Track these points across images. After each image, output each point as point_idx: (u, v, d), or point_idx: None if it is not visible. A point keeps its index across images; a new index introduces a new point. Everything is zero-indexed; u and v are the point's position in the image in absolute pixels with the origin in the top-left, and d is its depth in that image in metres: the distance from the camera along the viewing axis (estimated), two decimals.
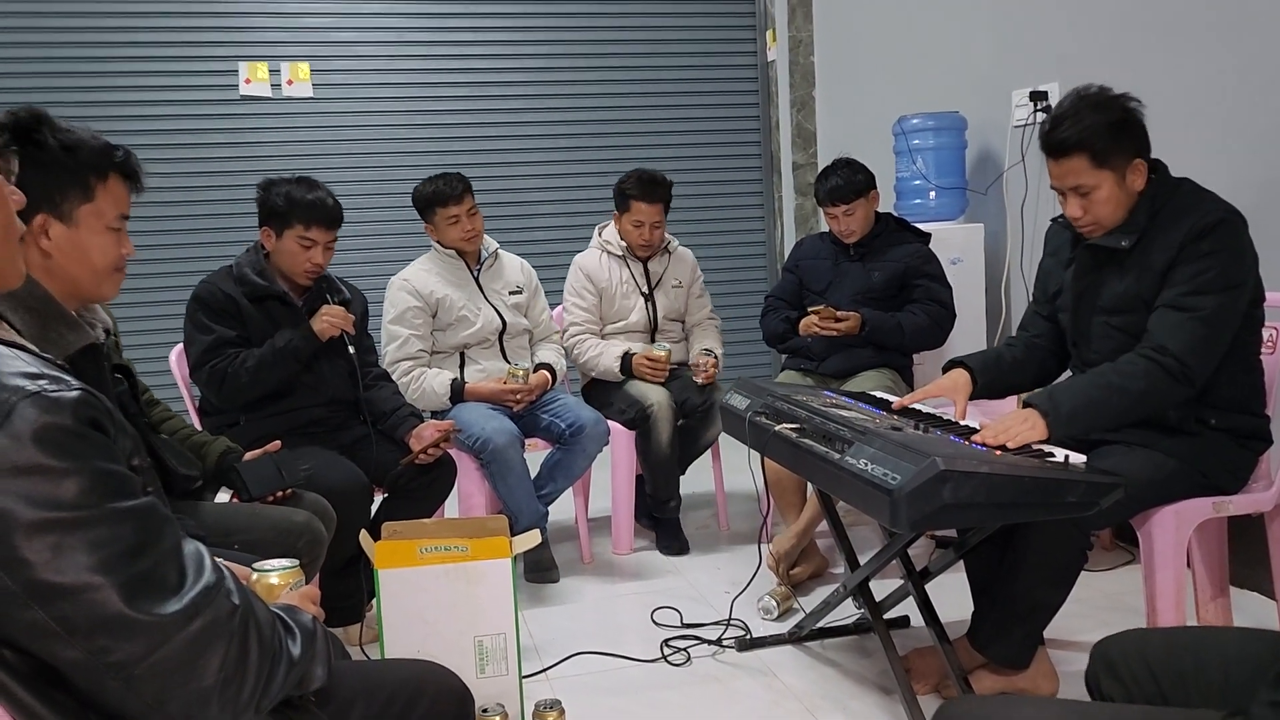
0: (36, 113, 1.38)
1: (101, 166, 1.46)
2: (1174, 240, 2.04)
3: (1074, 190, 2.11)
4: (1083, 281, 2.23)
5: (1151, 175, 2.12)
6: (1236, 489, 2.18)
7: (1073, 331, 2.28)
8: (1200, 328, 1.98)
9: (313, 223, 2.64)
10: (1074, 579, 2.03)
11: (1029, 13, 3.49)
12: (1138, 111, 2.10)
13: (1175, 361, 1.97)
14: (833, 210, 3.20)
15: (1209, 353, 2.01)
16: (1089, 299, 2.22)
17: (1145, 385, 1.98)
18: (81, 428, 0.89)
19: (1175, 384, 1.98)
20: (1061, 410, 1.98)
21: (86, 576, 0.87)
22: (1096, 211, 2.11)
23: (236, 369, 2.56)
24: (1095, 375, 2.05)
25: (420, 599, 2.07)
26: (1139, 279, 2.10)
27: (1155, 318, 2.05)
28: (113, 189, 1.49)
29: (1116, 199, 2.09)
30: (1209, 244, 2.00)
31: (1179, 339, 1.98)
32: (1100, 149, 2.05)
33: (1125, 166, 2.08)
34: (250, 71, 4.83)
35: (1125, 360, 2.03)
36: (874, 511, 1.77)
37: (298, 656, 1.05)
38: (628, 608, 2.91)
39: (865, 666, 2.42)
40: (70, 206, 1.42)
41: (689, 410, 3.41)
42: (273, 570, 1.31)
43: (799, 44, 5.12)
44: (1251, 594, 2.67)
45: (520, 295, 3.39)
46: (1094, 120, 2.05)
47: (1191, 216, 2.04)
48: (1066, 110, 2.10)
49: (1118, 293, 2.14)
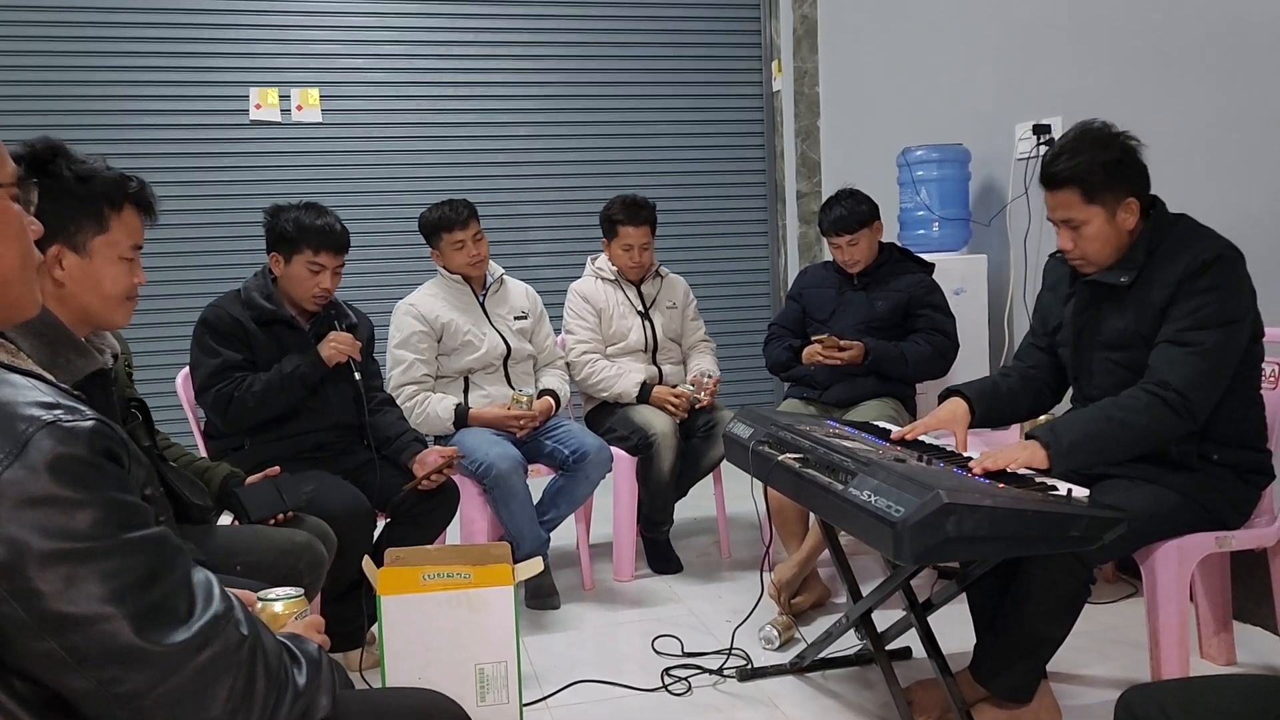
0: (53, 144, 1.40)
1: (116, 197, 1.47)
2: (1172, 277, 2.06)
3: (1065, 223, 2.15)
4: (1083, 317, 2.25)
5: (1151, 211, 2.15)
6: (1239, 524, 2.18)
7: (1074, 366, 2.29)
8: (1201, 363, 2.00)
9: (321, 248, 2.66)
10: (1077, 613, 2.03)
11: (1034, 47, 3.52)
12: (1136, 150, 2.12)
13: (1177, 396, 1.98)
14: (836, 240, 3.22)
15: (1210, 387, 2.02)
16: (1089, 334, 2.24)
17: (1147, 420, 1.99)
18: (96, 458, 0.90)
19: (1178, 418, 1.99)
20: (1063, 442, 1.98)
21: (98, 607, 0.87)
22: (1084, 246, 2.14)
23: (243, 393, 2.57)
24: (1097, 409, 2.06)
25: (422, 626, 2.07)
26: (1138, 316, 2.11)
27: (1156, 353, 2.06)
28: (127, 220, 1.51)
29: (1104, 236, 2.12)
30: (1207, 280, 2.02)
31: (1180, 374, 1.99)
32: (1092, 185, 2.09)
33: (1116, 204, 2.11)
34: (260, 97, 4.87)
35: (1128, 395, 2.04)
36: (877, 543, 1.78)
37: (303, 687, 1.05)
38: (629, 635, 2.90)
39: (867, 698, 2.41)
40: (84, 237, 1.43)
41: (692, 432, 3.43)
42: (278, 599, 1.31)
43: (804, 74, 5.17)
44: (1255, 630, 2.66)
45: (525, 321, 3.41)
46: (1090, 156, 2.08)
47: (1189, 253, 2.06)
48: (1066, 145, 2.14)
49: (1118, 329, 2.16)
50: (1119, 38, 3.12)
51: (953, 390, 2.35)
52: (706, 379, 3.46)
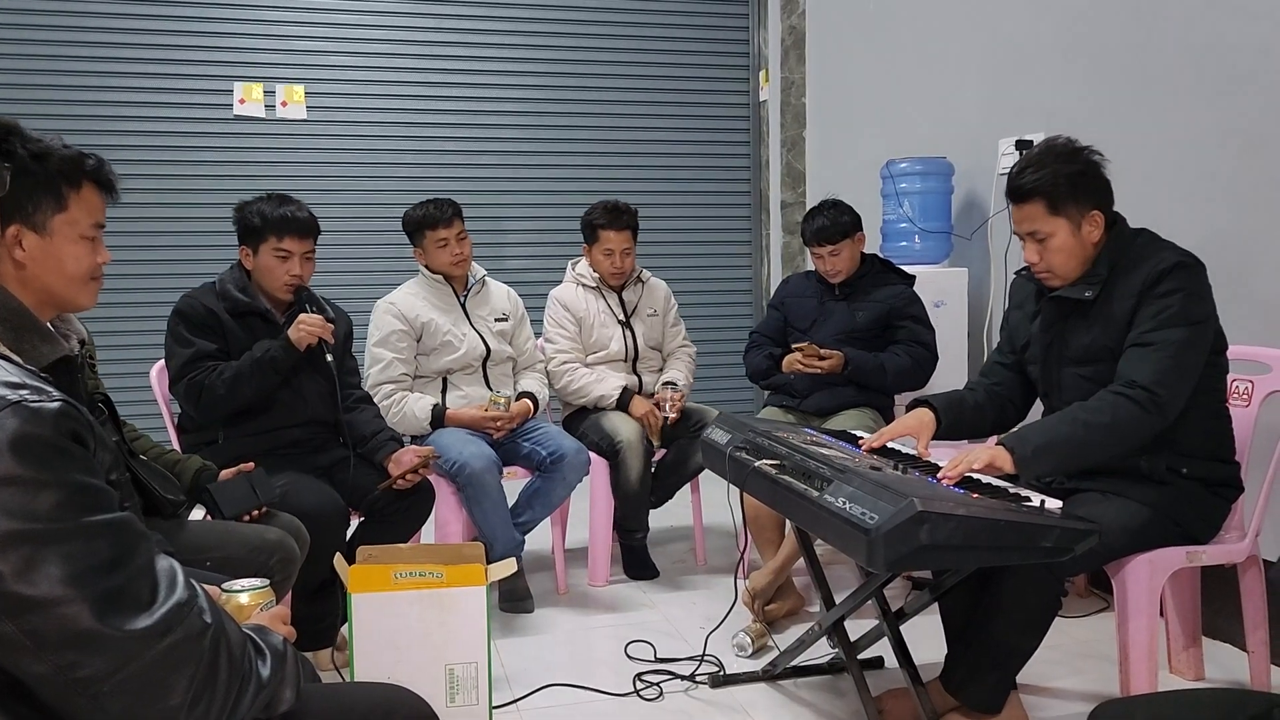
0: (5, 123, 1.37)
1: (73, 175, 1.45)
2: (1133, 288, 2.09)
3: (1031, 235, 2.18)
4: (1050, 333, 2.28)
5: (1113, 227, 2.18)
6: (1210, 538, 2.20)
7: (1043, 382, 2.32)
8: (1166, 358, 2.01)
9: (285, 234, 2.66)
10: (1048, 624, 2.04)
11: (1018, 64, 3.55)
12: (1100, 165, 2.16)
13: (1144, 392, 2.00)
14: (819, 250, 3.23)
15: (1177, 383, 2.02)
16: (1057, 350, 2.26)
17: (1112, 418, 2.00)
18: (61, 440, 0.89)
19: (1145, 414, 2.00)
20: (1028, 445, 2.00)
21: (58, 590, 0.86)
22: (1050, 259, 2.17)
23: (213, 381, 2.55)
24: (1063, 414, 2.08)
25: (392, 624, 2.06)
26: (1104, 330, 2.14)
27: (1122, 359, 2.09)
28: (86, 197, 1.48)
29: (1069, 248, 2.15)
30: (1167, 285, 2.05)
31: (1145, 371, 2.01)
32: (1056, 197, 2.12)
33: (1081, 217, 2.14)
34: (245, 92, 4.85)
35: (1094, 398, 2.06)
36: (851, 550, 1.78)
37: (267, 678, 1.04)
38: (602, 640, 2.89)
39: (838, 706, 2.41)
40: (43, 217, 1.41)
41: (679, 434, 3.43)
42: (243, 590, 1.30)
43: (791, 85, 5.20)
44: (1224, 645, 2.68)
45: (506, 323, 3.40)
46: (1054, 169, 2.12)
47: (1148, 264, 2.09)
48: (1032, 159, 2.17)
49: (1085, 344, 2.18)
50: (1102, 57, 3.15)
51: (921, 401, 2.37)
52: (669, 392, 3.41)
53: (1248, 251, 2.64)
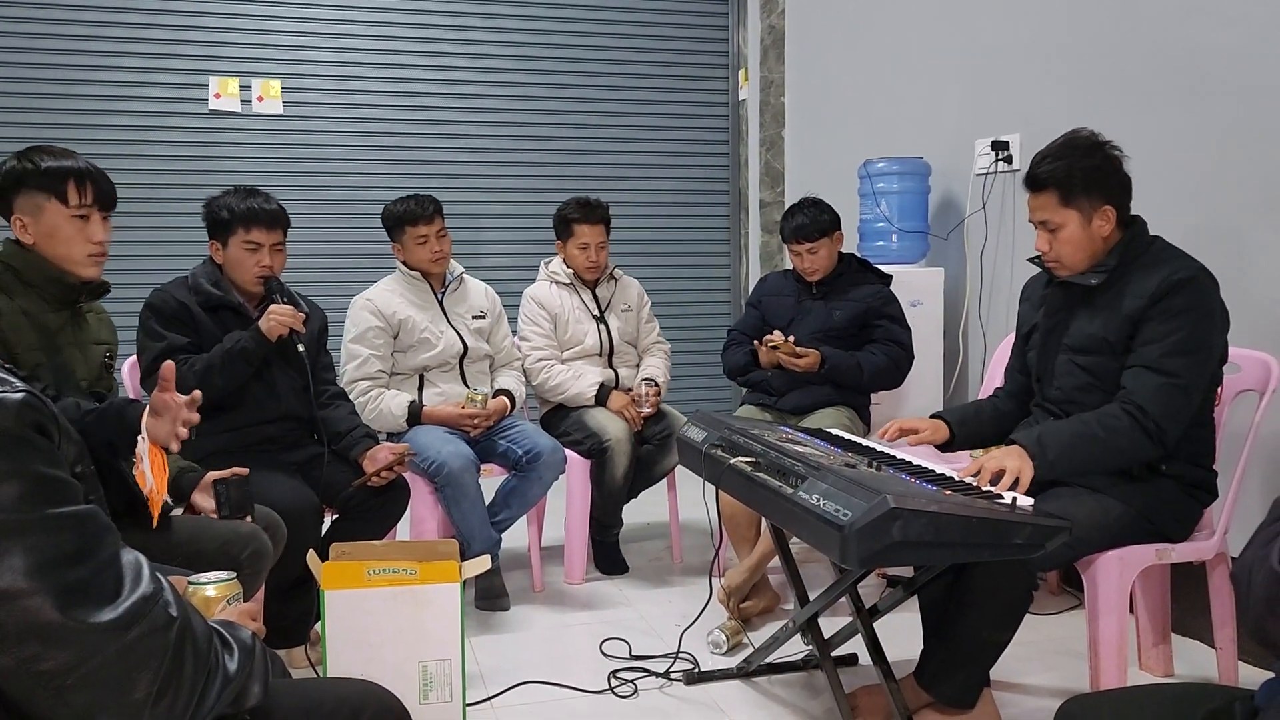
0: None
1: None
2: (1146, 289, 2.11)
3: (1042, 225, 2.22)
4: (1053, 318, 2.32)
5: (1130, 226, 2.21)
6: (1182, 538, 2.22)
7: (1038, 367, 2.35)
8: (1180, 396, 2.06)
9: (254, 225, 2.65)
10: (1019, 619, 2.05)
11: (996, 66, 3.57)
12: (1119, 161, 2.19)
13: (1155, 426, 2.05)
14: (797, 248, 3.24)
15: (1184, 421, 2.09)
16: (1056, 335, 2.30)
17: (1126, 443, 2.07)
18: (24, 431, 0.88)
19: (1150, 445, 2.07)
20: (1048, 455, 2.05)
21: (20, 582, 0.85)
22: (1059, 249, 2.21)
23: (184, 373, 2.52)
24: (1080, 424, 2.10)
25: (366, 621, 2.05)
26: (1107, 322, 2.16)
27: (1133, 375, 2.10)
28: None
29: (1078, 240, 2.18)
30: (1181, 301, 2.07)
31: (1159, 405, 2.05)
32: (1069, 189, 2.15)
33: (1092, 211, 2.16)
34: (220, 86, 4.80)
35: (1110, 415, 2.09)
36: (824, 547, 1.78)
37: (234, 673, 1.03)
38: (577, 638, 2.89)
39: (812, 704, 2.42)
40: None
41: (647, 438, 3.43)
42: (209, 583, 1.29)
43: (770, 84, 5.21)
44: (1193, 642, 2.70)
45: (483, 320, 3.39)
46: (1071, 162, 2.16)
47: (1166, 267, 2.11)
48: (1052, 150, 2.21)
49: (1086, 333, 2.21)
50: (1078, 60, 3.17)
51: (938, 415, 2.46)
52: (645, 388, 3.43)
53: (1220, 253, 2.66)
